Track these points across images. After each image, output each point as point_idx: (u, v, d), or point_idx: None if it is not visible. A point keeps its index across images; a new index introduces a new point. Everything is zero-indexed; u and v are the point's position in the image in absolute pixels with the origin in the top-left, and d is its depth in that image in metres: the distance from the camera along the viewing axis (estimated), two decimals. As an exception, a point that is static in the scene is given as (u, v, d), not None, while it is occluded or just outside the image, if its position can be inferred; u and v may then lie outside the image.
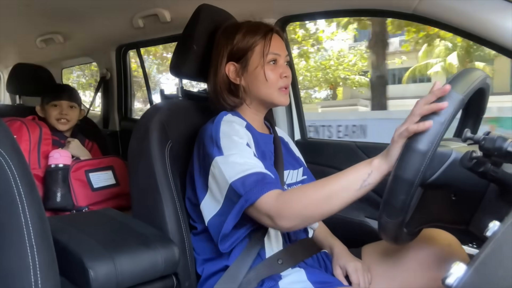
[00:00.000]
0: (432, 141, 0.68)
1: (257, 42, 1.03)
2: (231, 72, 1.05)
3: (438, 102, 0.69)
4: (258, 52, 1.02)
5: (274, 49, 1.03)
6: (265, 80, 1.02)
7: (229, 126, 0.96)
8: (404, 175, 0.69)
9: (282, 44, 1.07)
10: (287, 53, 1.07)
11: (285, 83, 1.04)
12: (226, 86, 1.06)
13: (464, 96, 0.70)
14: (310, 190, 0.83)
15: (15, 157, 0.67)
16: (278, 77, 1.03)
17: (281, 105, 1.07)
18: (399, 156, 0.72)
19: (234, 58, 1.04)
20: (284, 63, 1.05)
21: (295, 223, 0.84)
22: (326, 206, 0.80)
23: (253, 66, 1.03)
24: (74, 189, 1.52)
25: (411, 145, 0.70)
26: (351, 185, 0.79)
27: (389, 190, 0.72)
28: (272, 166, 1.01)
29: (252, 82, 1.04)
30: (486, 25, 1.00)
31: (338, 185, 0.80)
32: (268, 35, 1.03)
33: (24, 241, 0.64)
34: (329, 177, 0.83)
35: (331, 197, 0.80)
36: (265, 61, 1.02)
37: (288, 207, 0.82)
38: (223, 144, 0.91)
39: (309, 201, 0.81)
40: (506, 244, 0.52)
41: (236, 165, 0.87)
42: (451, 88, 0.70)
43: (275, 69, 1.03)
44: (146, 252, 0.85)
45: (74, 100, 1.76)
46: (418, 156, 0.68)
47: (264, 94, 1.04)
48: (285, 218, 0.82)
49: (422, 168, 0.68)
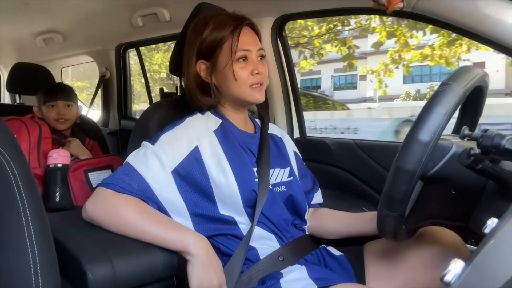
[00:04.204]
0: (434, 132, 0.68)
1: (225, 38, 0.98)
2: (202, 71, 1.03)
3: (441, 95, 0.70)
4: (226, 50, 0.98)
5: (243, 45, 0.98)
6: (234, 79, 0.98)
7: (185, 129, 0.99)
8: (406, 166, 0.69)
9: (254, 38, 1.02)
10: (260, 47, 1.02)
11: (257, 80, 1.00)
12: (199, 86, 1.04)
13: (465, 90, 0.70)
14: (134, 214, 0.87)
15: (15, 156, 0.67)
16: (249, 74, 0.99)
17: (256, 103, 1.03)
18: (401, 147, 0.72)
19: (203, 55, 1.02)
20: (256, 58, 1.01)
21: (93, 219, 0.90)
22: (129, 232, 0.87)
23: (222, 64, 0.99)
24: (73, 189, 1.52)
25: (412, 135, 0.69)
26: (164, 242, 0.86)
27: (390, 182, 0.72)
28: (248, 165, 1.00)
29: (222, 81, 1.01)
30: (485, 23, 1.00)
31: (158, 233, 0.86)
32: (236, 30, 0.98)
33: (24, 240, 0.64)
34: (163, 219, 0.90)
35: (144, 232, 0.86)
36: (234, 59, 0.98)
37: (103, 209, 0.88)
38: (162, 139, 0.96)
39: (122, 219, 0.87)
40: (504, 241, 0.52)
41: (143, 158, 0.93)
42: (453, 81, 0.71)
43: (245, 66, 0.99)
44: (145, 255, 0.84)
45: (70, 99, 1.75)
46: (419, 147, 0.68)
47: (236, 93, 1.01)
48: (90, 211, 0.89)
49: (423, 159, 0.68)
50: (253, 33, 1.04)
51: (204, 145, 0.97)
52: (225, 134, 1.01)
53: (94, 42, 2.27)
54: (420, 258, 0.98)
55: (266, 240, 0.98)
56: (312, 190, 1.18)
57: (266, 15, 1.50)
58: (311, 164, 1.24)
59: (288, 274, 0.92)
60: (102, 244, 0.83)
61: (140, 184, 0.90)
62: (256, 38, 1.04)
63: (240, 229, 0.97)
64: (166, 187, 0.92)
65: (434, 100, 0.69)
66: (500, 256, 0.51)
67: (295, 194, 1.06)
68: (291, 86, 1.65)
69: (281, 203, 1.03)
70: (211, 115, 1.06)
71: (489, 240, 0.53)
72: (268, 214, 0.98)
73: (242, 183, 0.96)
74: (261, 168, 1.00)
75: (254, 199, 0.96)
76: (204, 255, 0.85)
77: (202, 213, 0.96)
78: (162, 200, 0.92)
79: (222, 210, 0.96)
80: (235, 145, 1.01)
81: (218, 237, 0.97)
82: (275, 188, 1.03)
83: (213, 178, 0.95)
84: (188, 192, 0.95)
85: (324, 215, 1.15)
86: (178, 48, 1.18)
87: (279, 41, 1.60)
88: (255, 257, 0.96)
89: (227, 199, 0.95)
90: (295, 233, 1.05)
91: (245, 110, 1.09)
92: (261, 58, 1.03)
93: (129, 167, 0.92)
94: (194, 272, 0.84)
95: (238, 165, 0.97)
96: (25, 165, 0.69)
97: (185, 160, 0.94)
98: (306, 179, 1.18)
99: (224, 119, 1.05)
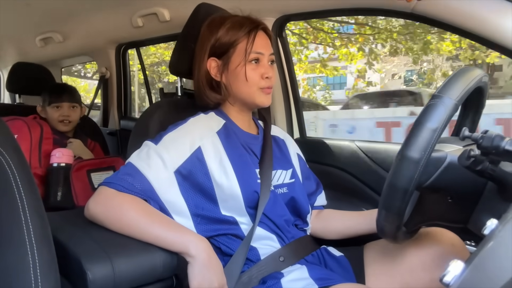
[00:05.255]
0: (425, 149, 0.67)
1: (240, 39, 1.00)
2: (213, 68, 1.03)
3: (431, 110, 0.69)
4: (240, 50, 0.99)
5: (257, 48, 1.00)
6: (245, 80, 1.00)
7: (188, 129, 0.98)
8: (398, 183, 0.69)
9: (267, 42, 1.04)
10: (272, 52, 1.04)
11: (267, 84, 1.01)
12: (208, 82, 1.04)
13: (457, 101, 0.69)
14: (136, 213, 0.87)
15: (15, 156, 0.67)
16: (260, 77, 1.00)
17: (262, 106, 1.04)
18: (393, 164, 0.71)
19: (216, 54, 1.02)
20: (267, 62, 1.02)
21: (95, 218, 0.90)
22: (130, 232, 0.87)
23: (234, 64, 1.00)
24: (75, 188, 1.52)
25: (403, 153, 0.69)
26: (165, 242, 0.86)
27: (384, 197, 0.72)
28: (250, 166, 1.00)
29: (232, 81, 1.02)
30: (486, 24, 1.00)
31: (159, 233, 0.87)
32: (252, 32, 1.00)
33: (24, 240, 0.64)
34: (164, 220, 0.90)
35: (145, 232, 0.86)
36: (247, 60, 0.99)
37: (105, 207, 0.89)
38: (165, 139, 0.96)
39: (124, 218, 0.87)
40: (504, 242, 0.52)
41: (145, 157, 0.93)
42: (444, 93, 0.69)
43: (257, 68, 1.00)
44: (145, 255, 0.84)
45: (75, 100, 1.76)
46: (410, 164, 0.68)
47: (245, 93, 1.02)
48: (92, 209, 0.90)
49: (415, 175, 0.68)
50: (267, 37, 1.05)
51: (207, 146, 0.97)
52: (228, 135, 1.01)
53: (94, 42, 2.27)
54: (419, 258, 0.98)
55: (267, 240, 0.98)
56: (315, 192, 1.19)
57: (266, 16, 1.50)
58: (310, 164, 1.24)
59: (288, 274, 0.92)
60: (102, 244, 0.83)
61: (142, 184, 0.90)
62: (269, 43, 1.05)
63: (241, 229, 0.97)
64: (168, 187, 0.92)
65: (424, 116, 0.68)
66: (500, 257, 0.51)
67: (297, 196, 1.06)
68: (291, 86, 1.65)
69: (282, 204, 1.03)
70: (215, 115, 1.06)
71: (488, 241, 0.53)
72: (270, 215, 0.98)
73: (244, 185, 0.96)
74: (264, 169, 1.00)
75: (255, 200, 0.96)
76: (205, 256, 0.85)
77: (203, 214, 0.96)
78: (164, 200, 0.92)
79: (224, 210, 0.96)
80: (238, 146, 1.01)
81: (219, 237, 0.97)
82: (277, 189, 1.03)
83: (215, 179, 0.95)
84: (190, 193, 0.95)
85: (330, 216, 1.15)
86: (179, 48, 1.18)
87: (279, 42, 1.60)
88: (256, 257, 0.97)
89: (229, 200, 0.95)
90: (296, 233, 1.05)
91: (249, 112, 1.10)
92: (271, 63, 1.04)
93: (132, 167, 0.92)
94: (195, 274, 0.84)
95: (241, 166, 0.97)
96: (25, 165, 0.69)
97: (188, 161, 0.94)
98: (309, 181, 1.18)
99: (228, 119, 1.05)
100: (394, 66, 12.69)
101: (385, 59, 11.07)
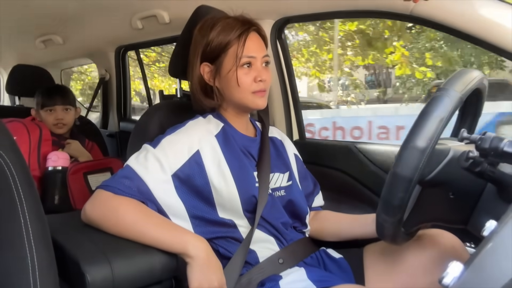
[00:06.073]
0: (431, 138, 0.68)
1: (231, 43, 0.97)
2: (206, 74, 1.02)
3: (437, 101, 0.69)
4: (231, 55, 0.97)
5: (248, 52, 0.97)
6: (237, 84, 0.98)
7: (186, 133, 0.98)
8: (402, 172, 0.69)
9: (260, 44, 1.02)
10: (265, 53, 1.02)
11: (260, 87, 0.99)
12: (202, 87, 1.03)
13: (462, 95, 0.70)
14: (133, 215, 0.87)
15: (15, 158, 0.67)
16: (252, 81, 0.99)
17: (257, 109, 1.04)
18: (397, 153, 0.72)
19: (208, 59, 1.01)
20: (261, 65, 1.00)
21: (92, 221, 0.89)
22: (128, 234, 0.86)
23: (226, 69, 0.98)
24: (72, 191, 1.51)
25: (409, 142, 0.69)
26: (163, 244, 0.86)
27: (387, 188, 0.72)
28: (248, 169, 1.00)
29: (225, 86, 1.00)
30: (485, 27, 1.00)
31: (157, 235, 0.86)
32: (242, 35, 0.97)
33: (23, 242, 0.64)
34: (162, 221, 0.89)
35: (143, 234, 0.86)
36: (238, 65, 0.97)
37: (102, 211, 0.88)
38: (163, 142, 0.95)
39: (122, 221, 0.86)
40: (503, 244, 0.52)
41: (143, 160, 0.93)
42: (449, 86, 0.70)
43: (249, 72, 0.98)
44: (144, 257, 0.84)
45: (68, 102, 1.72)
46: (416, 153, 0.68)
47: (238, 98, 1.01)
48: (89, 212, 0.89)
49: (420, 165, 0.68)
50: (260, 38, 1.03)
51: (206, 150, 0.97)
52: (226, 139, 1.01)
53: (93, 44, 2.27)
54: (419, 260, 0.98)
55: (266, 243, 0.98)
56: (312, 192, 1.19)
57: (266, 18, 1.50)
58: (309, 166, 1.24)
59: (287, 276, 0.93)
60: (101, 246, 0.83)
61: (140, 187, 0.90)
62: (262, 44, 1.03)
63: (240, 232, 0.97)
64: (166, 191, 0.92)
65: (431, 106, 0.69)
66: (499, 259, 0.51)
67: (294, 198, 1.06)
68: (290, 88, 1.65)
69: (280, 207, 1.03)
70: (213, 118, 1.05)
71: (487, 242, 0.53)
72: (268, 218, 0.98)
73: (242, 189, 0.95)
74: (262, 172, 1.00)
75: (253, 204, 0.96)
76: (204, 256, 0.85)
77: (201, 216, 0.96)
78: (162, 203, 0.92)
79: (222, 213, 0.96)
80: (236, 150, 1.01)
81: (217, 240, 0.97)
82: (274, 192, 1.03)
83: (214, 183, 0.95)
84: (187, 196, 0.95)
85: (326, 218, 1.15)
86: (178, 51, 1.18)
87: (278, 44, 1.60)
88: (255, 260, 0.96)
89: (227, 203, 0.95)
90: (295, 235, 1.05)
91: (246, 114, 1.09)
92: (265, 65, 1.02)
93: (130, 170, 0.92)
94: (194, 274, 0.84)
95: (239, 171, 0.97)
96: (24, 167, 0.69)
97: (186, 164, 0.94)
98: (307, 181, 1.18)
99: (226, 122, 1.05)
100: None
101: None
